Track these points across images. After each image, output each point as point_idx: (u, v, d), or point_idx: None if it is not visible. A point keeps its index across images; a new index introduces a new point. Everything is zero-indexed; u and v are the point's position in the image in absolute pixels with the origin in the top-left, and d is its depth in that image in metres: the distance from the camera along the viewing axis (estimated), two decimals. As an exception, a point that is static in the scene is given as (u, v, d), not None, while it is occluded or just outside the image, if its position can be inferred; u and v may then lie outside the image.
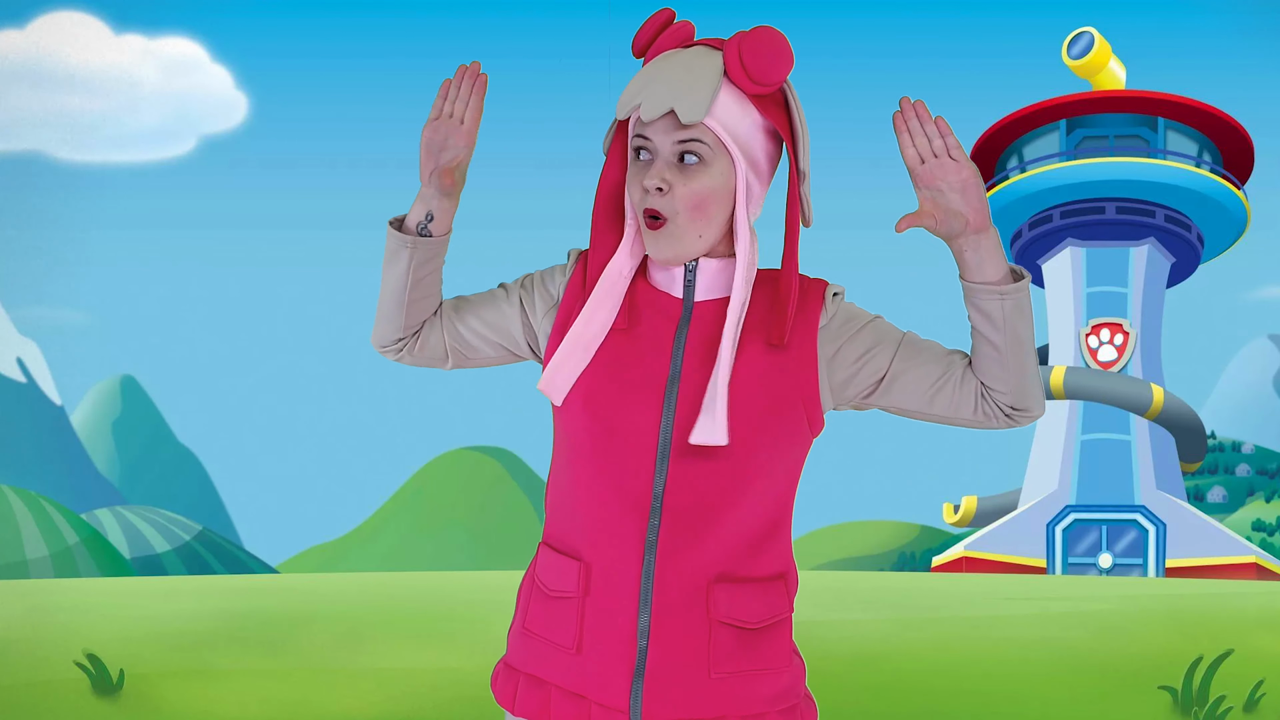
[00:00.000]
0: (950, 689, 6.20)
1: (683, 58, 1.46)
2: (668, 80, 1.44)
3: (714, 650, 1.52)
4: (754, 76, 1.44)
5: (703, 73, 1.44)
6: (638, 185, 1.48)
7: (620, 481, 1.51)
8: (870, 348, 1.57)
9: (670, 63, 1.46)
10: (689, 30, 1.49)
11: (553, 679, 1.57)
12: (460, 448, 60.68)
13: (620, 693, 1.51)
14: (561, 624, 1.56)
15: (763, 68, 1.44)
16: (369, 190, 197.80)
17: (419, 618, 7.59)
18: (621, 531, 1.51)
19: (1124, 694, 6.21)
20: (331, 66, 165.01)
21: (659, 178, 1.45)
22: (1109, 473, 28.48)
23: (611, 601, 1.52)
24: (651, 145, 1.47)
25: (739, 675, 1.53)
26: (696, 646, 1.51)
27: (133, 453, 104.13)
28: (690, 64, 1.45)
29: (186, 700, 5.90)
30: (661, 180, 1.45)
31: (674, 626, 1.50)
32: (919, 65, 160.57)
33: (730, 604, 1.52)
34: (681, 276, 1.53)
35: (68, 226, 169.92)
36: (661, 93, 1.43)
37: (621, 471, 1.51)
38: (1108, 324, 29.31)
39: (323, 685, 6.20)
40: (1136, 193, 28.92)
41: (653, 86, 1.44)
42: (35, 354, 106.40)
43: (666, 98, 1.43)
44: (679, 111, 1.42)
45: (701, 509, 1.50)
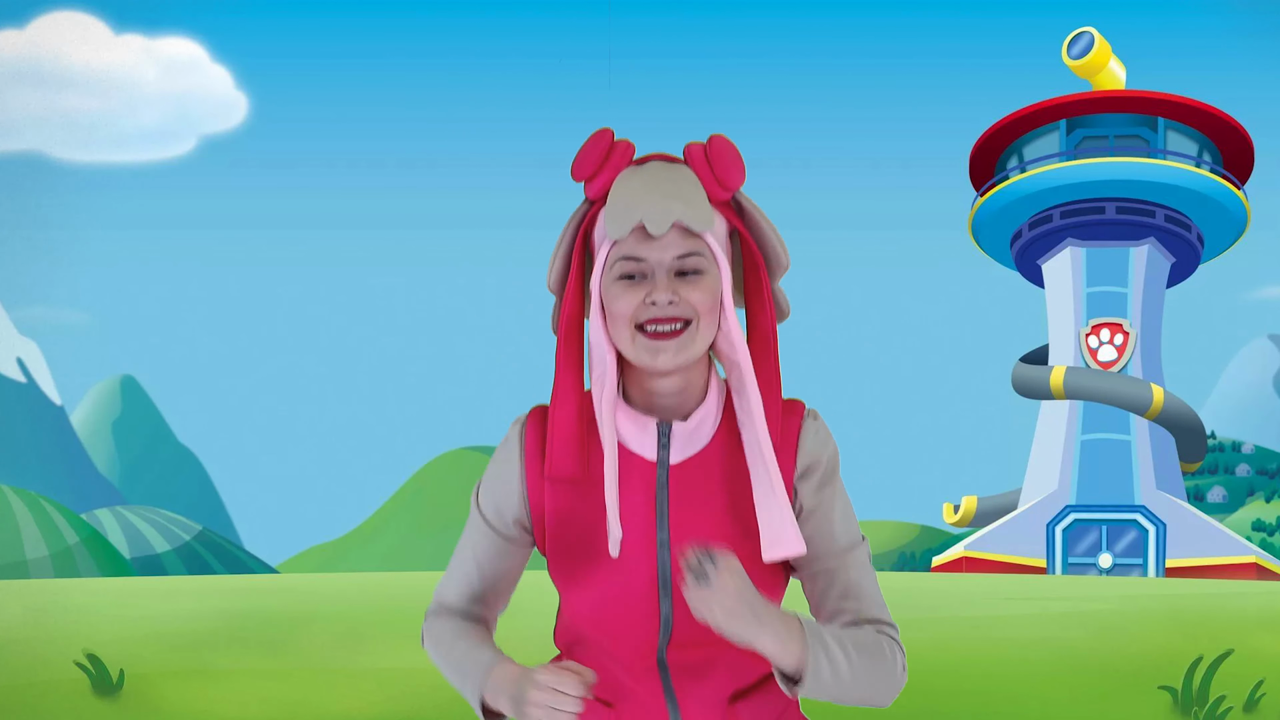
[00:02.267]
0: (950, 689, 6.20)
1: (656, 171, 1.44)
2: (661, 193, 1.42)
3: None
4: (722, 182, 1.44)
5: (689, 182, 1.43)
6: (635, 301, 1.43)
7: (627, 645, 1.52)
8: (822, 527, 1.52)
9: (647, 178, 1.44)
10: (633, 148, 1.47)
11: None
12: (460, 448, 60.70)
13: None
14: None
15: (730, 175, 1.44)
16: (369, 190, 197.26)
17: (419, 618, 7.58)
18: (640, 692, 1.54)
19: (1124, 694, 6.21)
20: (331, 66, 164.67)
21: (669, 290, 1.42)
22: (1109, 473, 28.49)
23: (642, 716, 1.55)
24: (646, 264, 1.43)
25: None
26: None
27: (133, 453, 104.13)
28: (668, 176, 1.43)
29: (186, 700, 5.90)
30: (672, 293, 1.42)
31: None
32: (919, 65, 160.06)
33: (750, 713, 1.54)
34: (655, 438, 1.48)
35: (68, 226, 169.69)
36: (662, 205, 1.41)
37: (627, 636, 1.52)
38: (1108, 324, 29.31)
39: (323, 685, 6.20)
40: (1136, 193, 28.93)
41: (649, 201, 1.41)
42: (35, 354, 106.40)
43: (671, 210, 1.41)
44: (689, 221, 1.41)
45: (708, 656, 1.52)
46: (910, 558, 44.99)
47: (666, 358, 1.42)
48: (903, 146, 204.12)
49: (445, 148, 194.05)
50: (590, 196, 1.48)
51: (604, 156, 1.45)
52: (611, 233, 1.42)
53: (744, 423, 1.46)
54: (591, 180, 1.46)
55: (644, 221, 1.41)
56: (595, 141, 1.45)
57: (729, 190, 1.45)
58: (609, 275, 1.45)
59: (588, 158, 1.45)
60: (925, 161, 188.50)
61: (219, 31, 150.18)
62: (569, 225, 1.50)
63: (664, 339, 1.42)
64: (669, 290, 1.42)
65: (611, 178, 1.45)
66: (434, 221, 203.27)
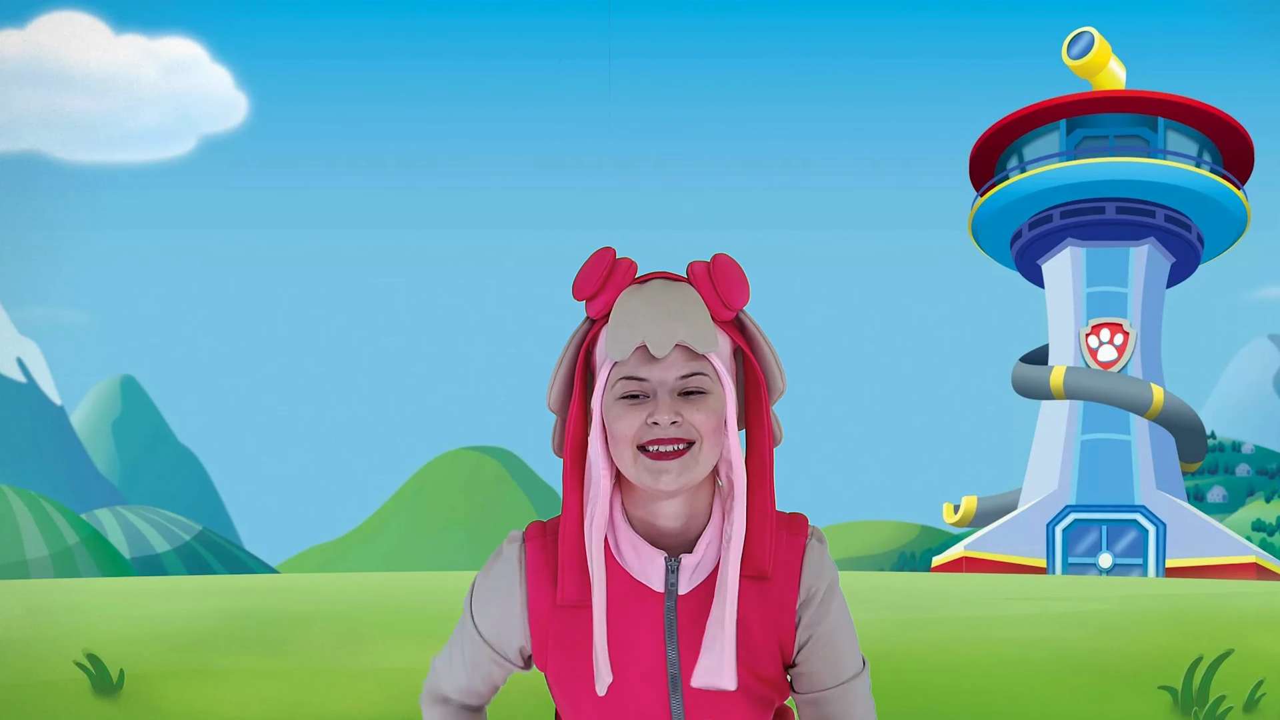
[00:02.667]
0: (950, 689, 6.20)
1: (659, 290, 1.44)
2: (664, 313, 1.41)
3: None
4: (728, 303, 1.44)
5: (693, 303, 1.43)
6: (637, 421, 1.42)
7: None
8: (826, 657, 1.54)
9: (650, 297, 1.43)
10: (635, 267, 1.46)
11: None
12: (460, 448, 60.70)
13: None
14: None
15: (734, 294, 1.44)
16: (369, 190, 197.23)
17: (419, 618, 7.59)
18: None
19: (1124, 694, 6.21)
20: (331, 66, 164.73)
21: (672, 411, 1.41)
22: (1109, 473, 28.49)
23: None
24: (649, 385, 1.42)
25: None
26: None
27: (133, 453, 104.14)
28: (671, 295, 1.43)
29: (186, 700, 5.90)
30: (675, 414, 1.41)
31: None
32: (919, 65, 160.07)
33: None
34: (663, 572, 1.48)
35: (68, 226, 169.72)
36: (665, 325, 1.40)
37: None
38: (1108, 324, 29.31)
39: (323, 685, 6.20)
40: (1136, 193, 28.93)
41: (651, 321, 1.40)
42: (35, 354, 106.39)
43: (674, 331, 1.40)
44: (692, 342, 1.40)
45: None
46: (910, 558, 45.00)
47: (669, 479, 1.41)
48: (903, 146, 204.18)
49: (445, 148, 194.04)
50: (592, 315, 1.46)
51: (606, 275, 1.44)
52: (613, 354, 1.41)
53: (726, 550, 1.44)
54: (593, 300, 1.45)
55: (646, 342, 1.39)
56: (597, 261, 1.44)
57: (733, 310, 1.45)
58: (610, 395, 1.43)
59: (589, 277, 1.43)
60: (925, 161, 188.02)
61: (219, 31, 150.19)
62: (570, 344, 1.49)
63: (666, 459, 1.41)
64: (671, 411, 1.40)
65: (613, 297, 1.44)
66: (434, 221, 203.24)
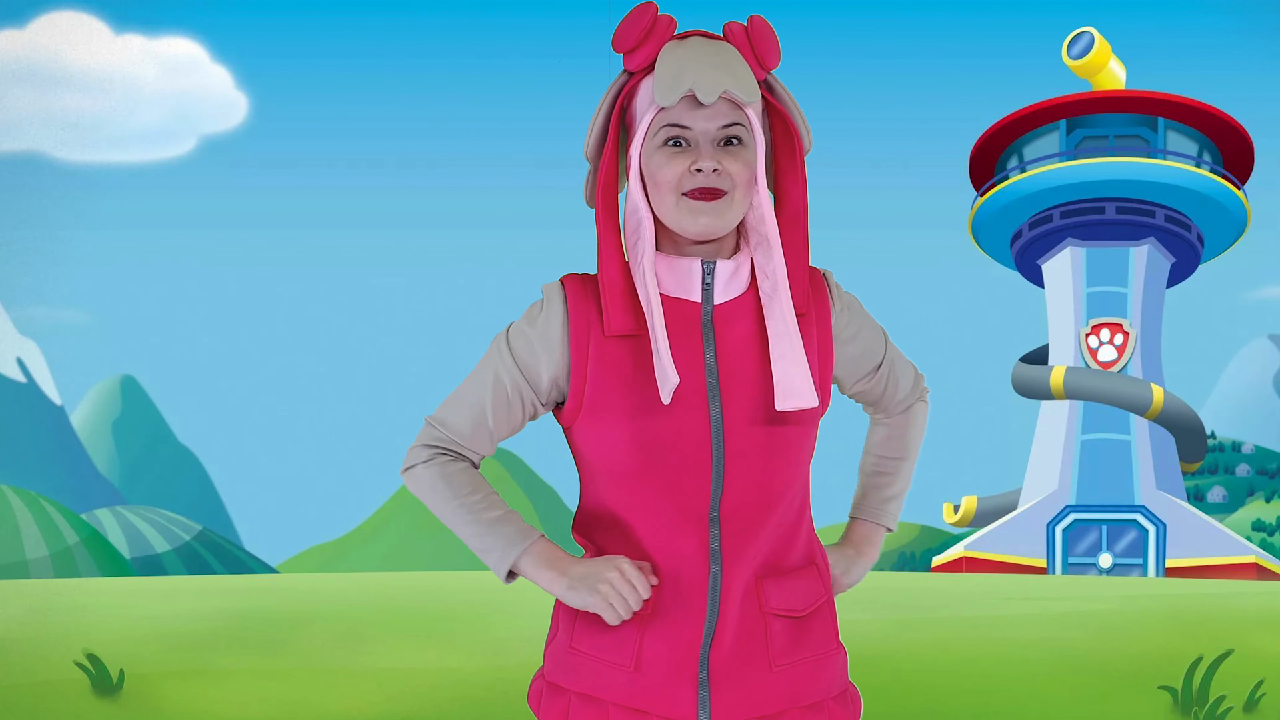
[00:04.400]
0: (950, 689, 6.20)
1: (702, 45, 1.49)
2: (711, 64, 1.46)
3: (771, 644, 1.55)
4: (762, 62, 1.51)
5: (735, 57, 1.48)
6: (679, 169, 1.49)
7: (676, 497, 1.51)
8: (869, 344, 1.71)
9: (695, 50, 1.48)
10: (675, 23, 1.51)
11: (610, 696, 1.56)
12: (460, 448, 60.64)
13: (687, 703, 1.53)
14: (617, 644, 1.55)
15: (769, 54, 1.51)
16: (369, 190, 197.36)
17: (419, 618, 7.59)
18: (684, 548, 1.52)
19: (1124, 694, 6.21)
20: (331, 66, 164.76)
21: (713, 159, 1.48)
22: (1109, 473, 28.48)
23: (677, 617, 1.53)
24: (691, 133, 1.49)
25: (796, 665, 1.57)
26: (756, 643, 1.54)
27: (133, 453, 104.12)
28: (715, 49, 1.48)
29: (186, 700, 5.90)
30: (716, 161, 1.48)
31: (734, 629, 1.53)
32: (919, 65, 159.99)
33: (779, 595, 1.56)
34: (699, 279, 1.53)
35: (68, 226, 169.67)
36: (714, 76, 1.45)
37: (676, 487, 1.51)
38: (1108, 324, 29.30)
39: (323, 685, 6.20)
40: (1136, 193, 28.92)
41: (699, 71, 1.46)
42: (35, 354, 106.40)
43: (721, 81, 1.45)
44: (739, 92, 1.46)
45: (756, 508, 1.52)
46: (910, 558, 44.97)
47: (707, 220, 1.49)
48: (903, 146, 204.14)
49: (445, 148, 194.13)
50: (630, 68, 1.52)
51: (647, 29, 1.48)
52: (660, 99, 1.47)
53: (767, 291, 1.52)
54: (633, 52, 1.50)
55: (694, 90, 1.45)
56: (638, 14, 1.49)
57: (766, 70, 1.52)
58: (652, 143, 1.51)
59: (630, 30, 1.49)
60: (925, 161, 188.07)
61: (219, 31, 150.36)
62: (606, 95, 1.55)
63: (704, 202, 1.48)
64: (713, 159, 1.48)
65: (654, 50, 1.49)
66: (434, 221, 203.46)
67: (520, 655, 1.51)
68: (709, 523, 1.51)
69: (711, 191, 1.48)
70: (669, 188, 1.49)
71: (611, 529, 1.57)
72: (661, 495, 1.51)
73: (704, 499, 1.50)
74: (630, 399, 1.50)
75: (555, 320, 1.55)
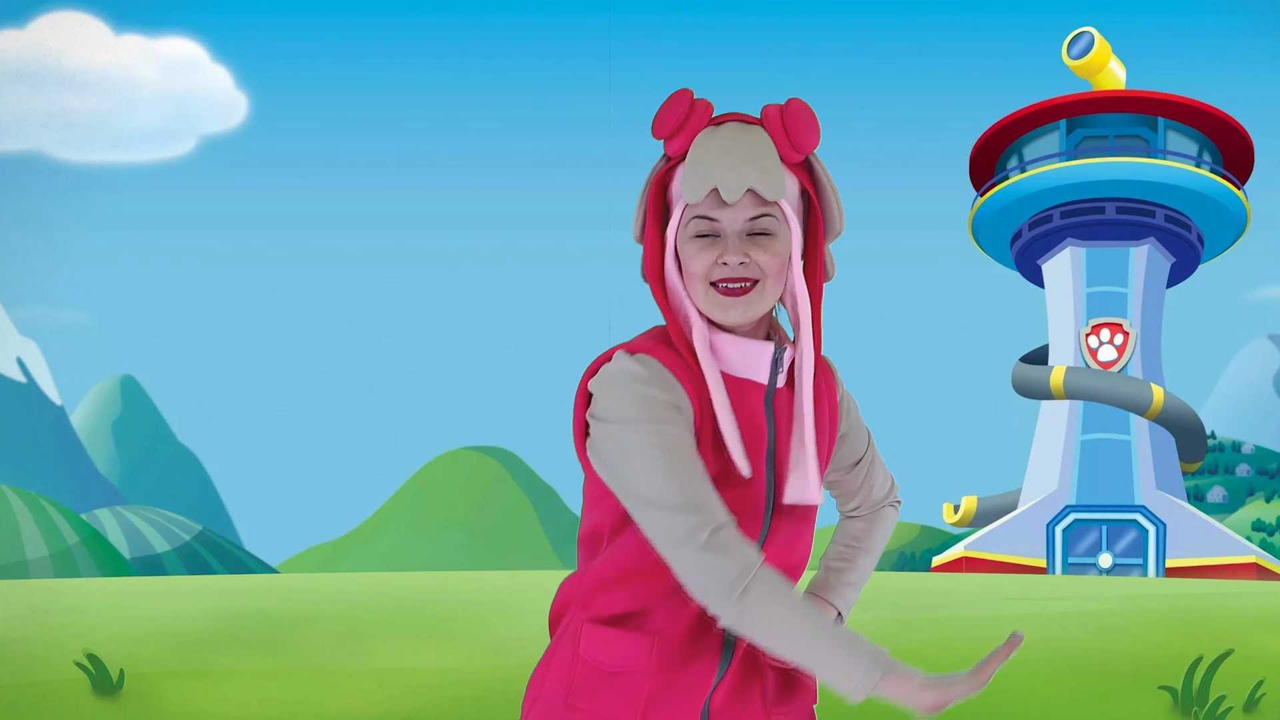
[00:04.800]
0: (950, 689, 6.19)
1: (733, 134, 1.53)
2: (737, 158, 1.50)
3: (766, 692, 1.64)
4: (796, 145, 1.53)
5: (764, 149, 1.52)
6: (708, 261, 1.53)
7: None
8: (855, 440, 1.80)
9: (724, 142, 1.52)
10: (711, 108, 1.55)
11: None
12: (460, 448, 60.69)
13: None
14: (622, 699, 1.56)
15: (804, 138, 1.53)
16: (369, 190, 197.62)
17: (419, 618, 7.59)
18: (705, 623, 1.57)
19: (1124, 694, 6.21)
20: (331, 66, 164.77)
21: (741, 253, 1.52)
22: (1109, 473, 28.49)
23: (690, 676, 1.57)
24: (720, 225, 1.53)
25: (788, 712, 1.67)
26: (754, 690, 1.63)
27: (133, 453, 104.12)
28: (745, 140, 1.52)
29: (186, 700, 5.90)
30: (744, 255, 1.52)
31: (739, 681, 1.61)
32: (919, 65, 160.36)
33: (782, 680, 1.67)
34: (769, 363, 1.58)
35: (68, 226, 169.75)
36: (737, 171, 1.50)
37: None
38: (1108, 324, 29.31)
39: (323, 685, 6.20)
40: (1136, 193, 28.93)
41: (724, 167, 1.50)
42: (35, 354, 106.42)
43: (745, 177, 1.49)
44: (761, 190, 1.50)
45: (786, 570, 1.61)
46: (910, 558, 44.98)
47: (736, 313, 1.53)
48: (903, 146, 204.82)
49: (445, 148, 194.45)
50: (669, 154, 1.56)
51: (684, 116, 1.53)
52: (688, 197, 1.51)
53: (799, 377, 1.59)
54: (671, 139, 1.54)
55: (719, 188, 1.49)
56: (676, 101, 1.54)
57: (802, 153, 1.54)
58: (684, 233, 1.55)
59: (668, 117, 1.53)
60: (925, 161, 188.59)
61: (219, 31, 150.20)
62: (649, 180, 1.59)
63: (734, 295, 1.53)
64: (739, 253, 1.52)
65: (690, 137, 1.53)
66: (434, 221, 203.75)
67: (520, 655, 1.51)
68: None
69: (739, 283, 1.53)
70: (699, 278, 1.54)
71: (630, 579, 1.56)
72: None
73: None
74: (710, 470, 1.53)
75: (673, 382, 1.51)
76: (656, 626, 1.56)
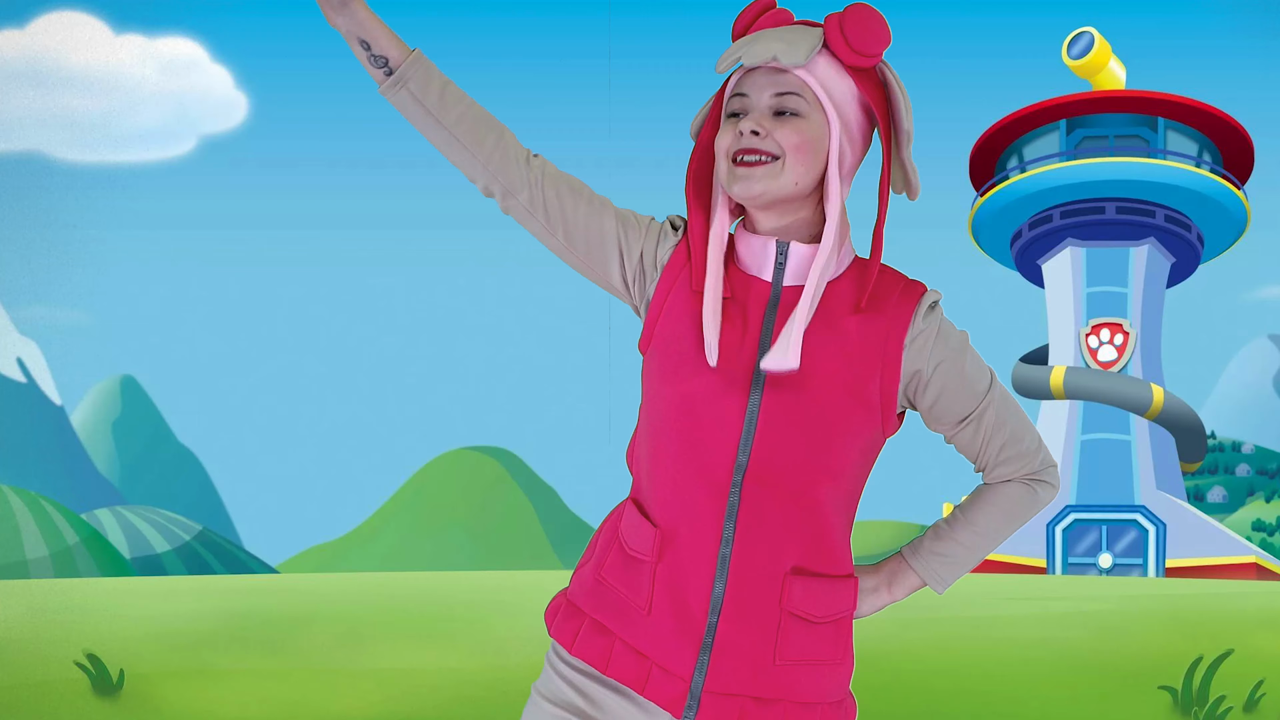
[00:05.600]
0: (950, 689, 6.20)
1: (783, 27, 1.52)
2: (769, 36, 1.49)
3: (782, 638, 1.56)
4: (854, 46, 1.49)
5: (805, 33, 1.50)
6: (731, 136, 1.52)
7: (701, 457, 1.54)
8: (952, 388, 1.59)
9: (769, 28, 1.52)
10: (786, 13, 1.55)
11: (619, 632, 1.60)
12: (460, 448, 60.64)
13: (685, 661, 1.55)
14: (636, 583, 1.59)
15: (862, 38, 1.49)
16: (369, 190, 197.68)
17: (419, 618, 7.59)
18: (700, 506, 1.54)
19: (1124, 694, 6.21)
20: (331, 66, 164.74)
21: (755, 122, 1.50)
22: (1109, 473, 28.47)
23: (685, 574, 1.55)
24: (748, 101, 1.52)
25: (802, 665, 1.58)
26: (765, 633, 1.55)
27: (133, 453, 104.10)
28: (792, 29, 1.51)
29: (186, 700, 5.90)
30: (757, 124, 1.49)
31: (746, 609, 1.54)
32: (919, 65, 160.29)
33: (804, 597, 1.56)
34: (773, 259, 1.55)
35: (67, 226, 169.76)
36: (764, 44, 1.48)
37: (706, 453, 1.53)
38: (1108, 324, 29.30)
39: (323, 685, 6.20)
40: (1136, 193, 28.91)
41: (754, 41, 1.49)
42: (35, 354, 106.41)
43: (769, 48, 1.47)
44: (780, 55, 1.47)
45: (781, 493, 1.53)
46: (910, 558, 44.90)
47: (750, 185, 1.50)
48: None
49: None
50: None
51: (755, 15, 1.54)
52: (718, 67, 1.51)
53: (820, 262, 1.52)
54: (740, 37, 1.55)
55: (742, 57, 1.49)
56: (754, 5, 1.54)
57: (860, 55, 1.50)
58: (724, 114, 1.56)
59: (742, 18, 1.55)
60: (925, 161, 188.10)
61: (219, 31, 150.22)
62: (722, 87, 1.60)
63: (749, 167, 1.50)
64: (756, 123, 1.49)
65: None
66: (434, 221, 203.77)
67: (520, 655, 1.52)
68: (730, 489, 1.52)
69: (753, 154, 1.50)
70: (723, 154, 1.53)
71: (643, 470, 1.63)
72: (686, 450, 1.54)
73: (726, 467, 1.52)
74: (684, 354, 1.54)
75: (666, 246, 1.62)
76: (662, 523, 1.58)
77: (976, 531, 1.66)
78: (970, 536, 1.66)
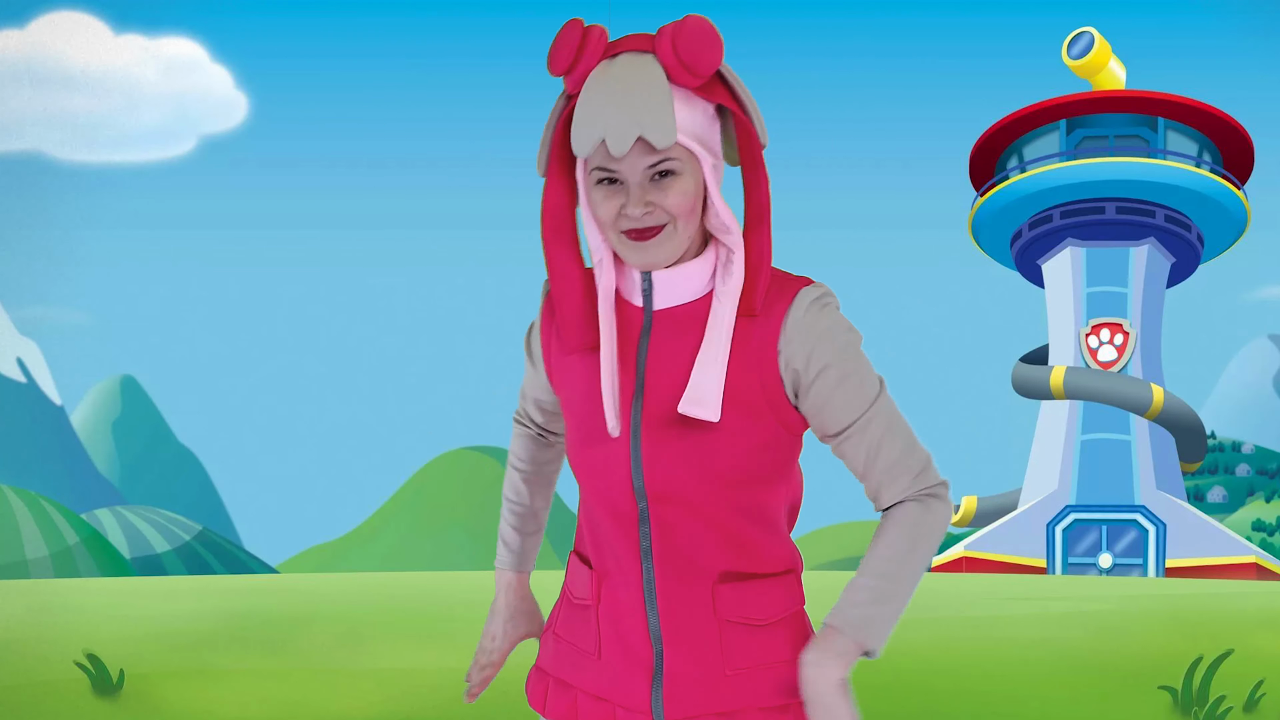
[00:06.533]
0: (950, 689, 6.20)
1: (622, 73, 1.41)
2: (622, 105, 1.39)
3: (727, 648, 1.55)
4: (694, 71, 1.40)
5: (653, 88, 1.40)
6: (613, 210, 1.46)
7: (608, 496, 1.55)
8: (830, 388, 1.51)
9: (613, 84, 1.40)
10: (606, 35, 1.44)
11: (578, 683, 1.64)
12: (460, 448, 60.66)
13: (640, 694, 1.57)
14: (584, 630, 1.64)
15: (700, 61, 1.40)
16: (369, 190, 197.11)
17: (419, 618, 7.59)
18: (617, 544, 1.57)
19: (1124, 694, 6.20)
20: (331, 66, 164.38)
21: (642, 202, 1.44)
22: (1109, 473, 28.47)
23: (620, 609, 1.58)
24: (620, 172, 1.44)
25: (755, 669, 1.56)
26: (709, 647, 1.55)
27: (133, 453, 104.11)
28: (634, 79, 1.40)
29: (186, 700, 5.90)
30: (645, 205, 1.44)
31: (684, 630, 1.55)
32: (919, 65, 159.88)
33: (738, 602, 1.55)
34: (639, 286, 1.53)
35: (68, 226, 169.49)
36: (623, 123, 1.39)
37: (607, 486, 1.55)
38: (1108, 324, 29.30)
39: (323, 685, 6.20)
40: (1136, 193, 28.92)
41: (609, 116, 1.39)
42: (35, 354, 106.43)
43: (631, 127, 1.39)
44: (651, 139, 1.39)
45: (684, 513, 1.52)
46: (910, 558, 44.91)
47: (646, 255, 1.48)
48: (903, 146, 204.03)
49: (445, 148, 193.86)
50: (570, 91, 1.46)
51: (577, 49, 1.43)
52: (579, 152, 1.43)
53: (719, 294, 1.49)
54: (569, 74, 1.44)
55: (606, 142, 1.40)
56: (567, 33, 1.44)
57: (701, 76, 1.41)
58: (589, 179, 1.48)
59: (561, 51, 1.44)
60: (925, 161, 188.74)
61: (219, 31, 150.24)
62: (551, 117, 1.50)
63: (645, 239, 1.47)
64: (641, 203, 1.44)
65: (585, 72, 1.43)
66: (434, 221, 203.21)
67: (520, 655, 1.52)
68: (638, 518, 1.53)
69: (646, 231, 1.46)
70: (608, 225, 1.48)
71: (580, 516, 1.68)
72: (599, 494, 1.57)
73: (629, 498, 1.52)
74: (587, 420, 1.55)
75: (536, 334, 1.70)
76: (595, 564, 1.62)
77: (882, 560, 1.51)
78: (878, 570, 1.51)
